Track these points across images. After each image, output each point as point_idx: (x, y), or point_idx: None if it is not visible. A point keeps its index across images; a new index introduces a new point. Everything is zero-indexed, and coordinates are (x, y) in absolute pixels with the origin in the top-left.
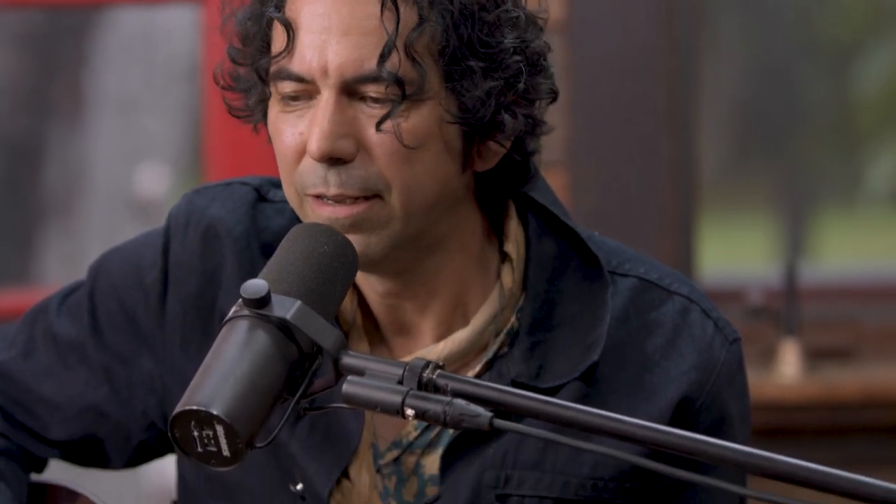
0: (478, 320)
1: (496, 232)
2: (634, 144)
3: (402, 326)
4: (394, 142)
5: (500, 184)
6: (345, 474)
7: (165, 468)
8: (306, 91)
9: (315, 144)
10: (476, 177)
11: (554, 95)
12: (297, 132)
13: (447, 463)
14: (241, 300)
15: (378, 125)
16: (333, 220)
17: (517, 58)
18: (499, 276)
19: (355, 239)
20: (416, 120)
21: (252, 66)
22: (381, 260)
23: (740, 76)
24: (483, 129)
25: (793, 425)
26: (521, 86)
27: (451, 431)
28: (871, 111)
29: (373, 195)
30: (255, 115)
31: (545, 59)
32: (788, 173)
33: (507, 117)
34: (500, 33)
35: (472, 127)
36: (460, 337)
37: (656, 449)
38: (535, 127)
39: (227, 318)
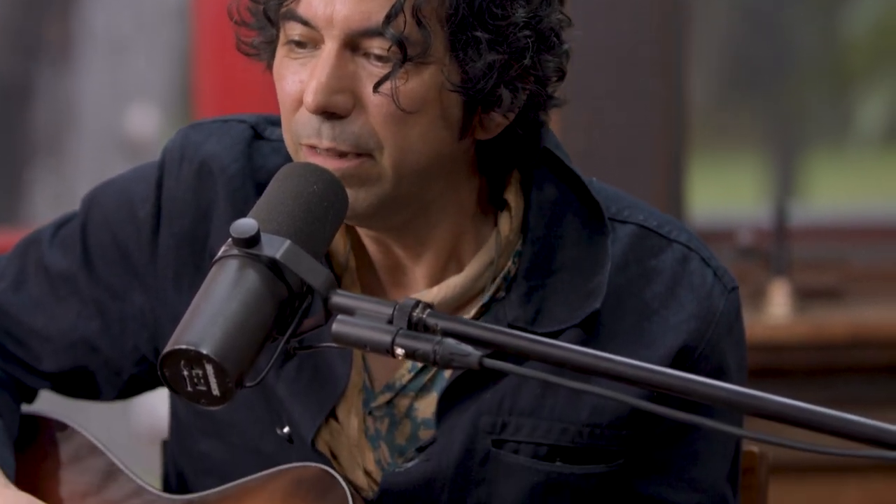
0: (473, 267)
1: (496, 192)
2: (626, 85)
3: (396, 269)
4: (390, 103)
5: (503, 154)
6: (335, 417)
7: (156, 407)
8: (312, 39)
9: (311, 96)
10: (478, 144)
11: (561, 74)
12: (298, 80)
13: (444, 407)
14: (230, 239)
15: (376, 86)
16: None
17: (526, 33)
18: (496, 225)
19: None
20: (416, 84)
21: (263, 4)
22: (369, 216)
23: (731, 17)
24: (484, 100)
25: (782, 365)
26: (526, 62)
27: (446, 375)
28: (860, 52)
29: (364, 153)
30: (262, 55)
31: (558, 37)
32: (778, 114)
33: (506, 92)
34: (512, 6)
35: (472, 97)
36: (454, 282)
37: (651, 389)
38: (538, 103)
39: (217, 257)
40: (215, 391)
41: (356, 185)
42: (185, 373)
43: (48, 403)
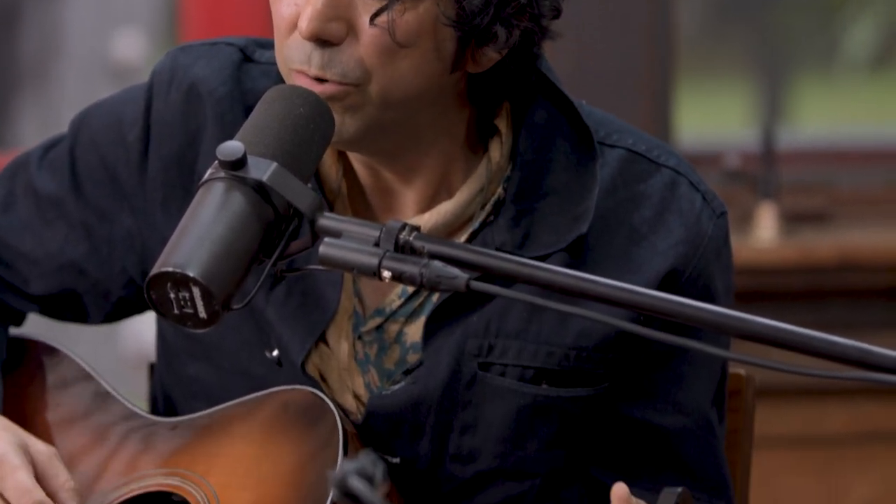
0: (463, 193)
1: (486, 121)
2: (612, 9)
3: (387, 194)
4: (385, 35)
5: (494, 87)
6: (324, 342)
7: (143, 331)
8: None
9: (305, 23)
10: (469, 76)
11: (556, 12)
12: (294, 3)
13: (430, 330)
14: (217, 162)
15: (373, 17)
16: None
17: None
18: (486, 151)
19: None
20: (412, 17)
21: None
22: (356, 141)
23: None
24: (478, 36)
25: (769, 289)
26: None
27: (434, 300)
28: None
29: (351, 83)
30: None
31: None
32: (766, 38)
33: (501, 29)
34: None
35: (467, 33)
36: (444, 209)
37: (638, 311)
38: (532, 39)
39: (204, 180)
40: (202, 314)
41: (341, 111)
42: (172, 295)
43: (36, 327)
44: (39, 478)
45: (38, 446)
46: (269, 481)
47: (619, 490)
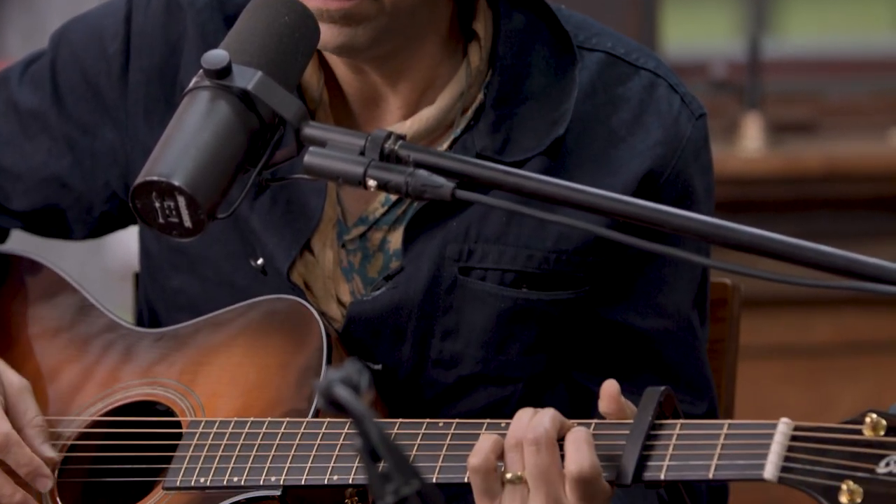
0: (444, 98)
1: (466, 21)
2: None
3: (371, 101)
4: None
5: None
6: (309, 250)
7: (129, 242)
8: None
9: None
10: None
11: None
12: None
13: (410, 236)
14: (201, 71)
15: None
16: (324, 10)
17: None
18: (465, 55)
19: (343, 31)
20: None
21: None
22: (365, 49)
23: None
24: None
25: (756, 198)
26: None
27: (416, 207)
28: None
29: None
30: None
31: None
32: None
33: None
34: None
35: None
36: (426, 114)
37: (620, 220)
38: None
39: (188, 88)
40: (187, 223)
41: (356, 24)
42: (157, 204)
43: (20, 243)
44: (9, 410)
45: (10, 378)
46: (255, 390)
47: (610, 387)
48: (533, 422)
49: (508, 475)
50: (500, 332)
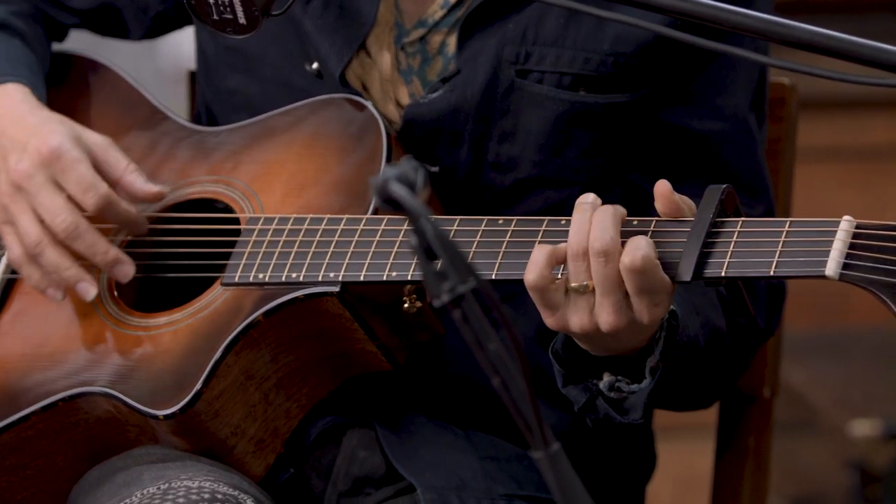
0: None
1: None
2: None
3: None
4: None
5: None
6: (366, 52)
7: (182, 43)
8: None
9: None
10: None
11: None
12: None
13: (465, 35)
14: None
15: None
16: None
17: None
18: None
19: None
20: None
21: None
22: None
23: None
24: None
25: None
26: None
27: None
28: None
29: None
30: None
31: None
32: None
33: None
34: None
35: None
36: None
37: (678, 18)
38: None
39: None
40: (241, 19)
41: None
42: (212, 0)
43: (78, 43)
44: (99, 168)
45: (93, 137)
46: (313, 187)
47: (663, 187)
48: (597, 230)
49: (574, 284)
50: (557, 136)
